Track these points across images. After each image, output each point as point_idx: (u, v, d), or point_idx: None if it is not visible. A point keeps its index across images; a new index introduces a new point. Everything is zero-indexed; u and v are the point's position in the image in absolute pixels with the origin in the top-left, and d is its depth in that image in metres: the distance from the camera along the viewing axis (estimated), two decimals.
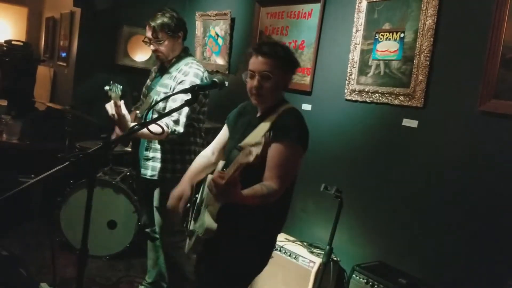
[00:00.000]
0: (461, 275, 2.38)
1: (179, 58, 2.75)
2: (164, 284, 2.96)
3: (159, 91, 2.70)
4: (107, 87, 2.44)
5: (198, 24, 4.61)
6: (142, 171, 2.74)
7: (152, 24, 2.65)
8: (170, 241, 2.80)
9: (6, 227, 3.70)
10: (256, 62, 1.88)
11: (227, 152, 2.03)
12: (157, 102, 2.62)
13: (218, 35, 4.35)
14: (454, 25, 2.51)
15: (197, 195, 2.05)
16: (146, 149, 2.73)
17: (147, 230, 2.99)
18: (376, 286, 2.43)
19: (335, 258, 2.83)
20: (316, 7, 3.31)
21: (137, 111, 2.89)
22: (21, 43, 6.20)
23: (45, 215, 3.85)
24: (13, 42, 6.30)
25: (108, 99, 2.45)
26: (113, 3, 4.70)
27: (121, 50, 4.77)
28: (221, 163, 1.92)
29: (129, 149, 2.80)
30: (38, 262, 3.29)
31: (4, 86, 5.99)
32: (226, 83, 2.27)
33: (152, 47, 2.71)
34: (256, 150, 1.49)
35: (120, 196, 3.63)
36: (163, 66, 2.81)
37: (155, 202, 2.77)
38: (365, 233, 2.89)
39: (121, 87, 2.42)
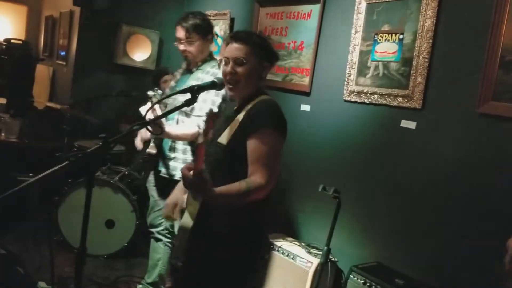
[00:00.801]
0: (459, 276, 2.38)
1: (205, 61, 2.78)
2: (162, 286, 2.96)
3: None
4: (150, 92, 2.52)
5: None
6: (163, 170, 2.76)
7: (185, 25, 2.69)
8: None
9: (4, 225, 3.70)
10: (230, 48, 1.88)
11: (207, 148, 1.96)
12: (166, 98, 2.64)
13: (217, 35, 4.35)
14: (453, 27, 2.51)
15: None
16: (170, 150, 2.74)
17: (152, 230, 2.99)
18: (373, 287, 2.44)
19: (333, 259, 2.83)
20: (316, 8, 3.31)
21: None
22: (20, 42, 6.19)
23: (43, 214, 3.85)
24: (12, 41, 6.29)
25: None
26: (112, 2, 4.70)
27: (120, 49, 4.77)
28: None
29: (152, 150, 2.80)
30: (36, 261, 3.29)
31: (2, 85, 5.98)
32: None
33: (182, 47, 2.74)
34: (203, 127, 1.48)
35: (118, 195, 3.63)
36: (189, 68, 2.84)
37: None
38: (363, 234, 2.90)
39: (161, 92, 2.48)
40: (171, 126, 2.63)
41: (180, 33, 2.72)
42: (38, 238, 3.65)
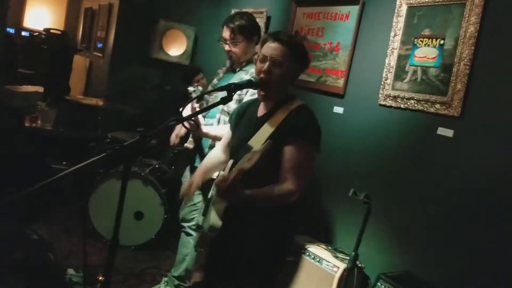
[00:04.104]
0: None
1: (249, 62, 2.78)
2: (188, 281, 2.99)
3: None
4: (191, 88, 2.54)
5: None
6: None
7: (231, 25, 2.70)
8: None
9: (37, 212, 3.80)
10: (270, 47, 1.88)
11: (233, 151, 2.03)
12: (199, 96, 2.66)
13: None
14: (497, 34, 2.43)
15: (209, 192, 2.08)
16: (210, 147, 2.75)
17: (184, 224, 3.02)
18: None
19: (360, 265, 2.79)
20: (354, 9, 3.26)
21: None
22: (59, 32, 6.35)
23: (74, 202, 3.94)
24: (51, 31, 6.46)
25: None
26: None
27: (156, 44, 4.83)
28: (230, 163, 1.94)
29: (190, 145, 2.83)
30: (66, 248, 3.37)
31: (41, 74, 6.15)
32: None
33: (226, 47, 2.75)
34: (255, 158, 1.57)
35: (148, 188, 3.67)
36: (233, 68, 2.85)
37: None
38: (392, 241, 2.85)
39: (201, 89, 2.51)
40: (210, 126, 2.65)
41: (226, 33, 2.74)
42: (69, 226, 3.74)
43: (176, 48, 4.89)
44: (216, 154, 2.25)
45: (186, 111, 2.47)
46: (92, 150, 3.93)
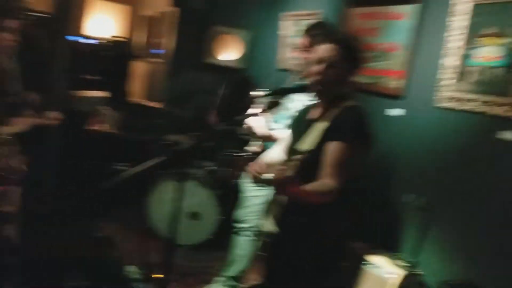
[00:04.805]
0: None
1: None
2: (243, 283, 3.02)
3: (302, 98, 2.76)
4: (253, 93, 2.60)
5: (286, 24, 4.62)
6: None
7: (309, 34, 2.73)
8: None
9: (101, 211, 3.99)
10: (324, 49, 1.88)
11: (288, 155, 2.03)
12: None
13: None
14: None
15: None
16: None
17: (239, 225, 3.05)
18: None
19: (419, 272, 2.70)
20: (412, 9, 3.17)
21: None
22: (121, 39, 6.63)
23: (135, 202, 4.09)
24: (114, 38, 6.77)
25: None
26: (206, 2, 4.87)
27: (211, 49, 4.93)
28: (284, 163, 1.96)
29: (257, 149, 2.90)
30: (127, 246, 3.51)
31: (104, 80, 6.45)
32: None
33: (302, 55, 2.77)
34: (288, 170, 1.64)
35: (205, 189, 3.75)
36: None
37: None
38: (454, 249, 2.73)
39: (265, 93, 2.57)
40: (277, 131, 2.68)
41: (303, 41, 2.76)
42: (131, 224, 3.89)
43: (230, 52, 4.97)
44: (276, 153, 2.29)
45: (252, 117, 2.51)
46: (152, 152, 4.07)
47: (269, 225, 1.87)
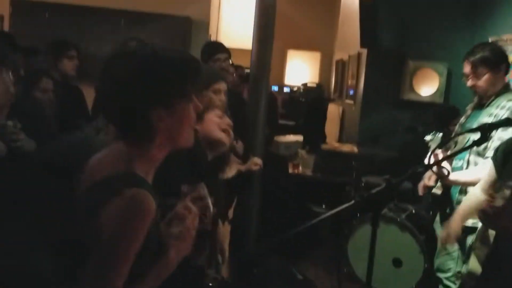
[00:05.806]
0: None
1: (499, 94, 2.55)
2: None
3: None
4: (428, 137, 2.53)
5: None
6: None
7: (471, 59, 2.58)
8: None
9: (300, 253, 4.09)
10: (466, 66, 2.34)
11: (497, 190, 1.81)
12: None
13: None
14: None
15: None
16: (460, 192, 2.58)
17: (440, 275, 2.82)
18: None
19: None
20: None
21: (448, 152, 2.79)
22: (315, 85, 6.96)
23: (333, 244, 4.10)
24: (308, 84, 7.14)
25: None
26: (397, 38, 4.77)
27: (406, 84, 4.77)
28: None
29: (437, 191, 2.75)
30: None
31: (300, 124, 6.82)
32: None
33: (469, 82, 2.62)
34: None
35: (405, 234, 3.53)
36: (481, 103, 2.67)
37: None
38: None
39: (441, 135, 2.46)
40: (458, 172, 2.48)
41: (467, 68, 2.58)
42: (329, 267, 3.89)
43: (427, 87, 4.73)
44: (474, 197, 2.10)
45: (431, 161, 2.35)
46: (349, 194, 4.05)
47: (472, 266, 1.68)
